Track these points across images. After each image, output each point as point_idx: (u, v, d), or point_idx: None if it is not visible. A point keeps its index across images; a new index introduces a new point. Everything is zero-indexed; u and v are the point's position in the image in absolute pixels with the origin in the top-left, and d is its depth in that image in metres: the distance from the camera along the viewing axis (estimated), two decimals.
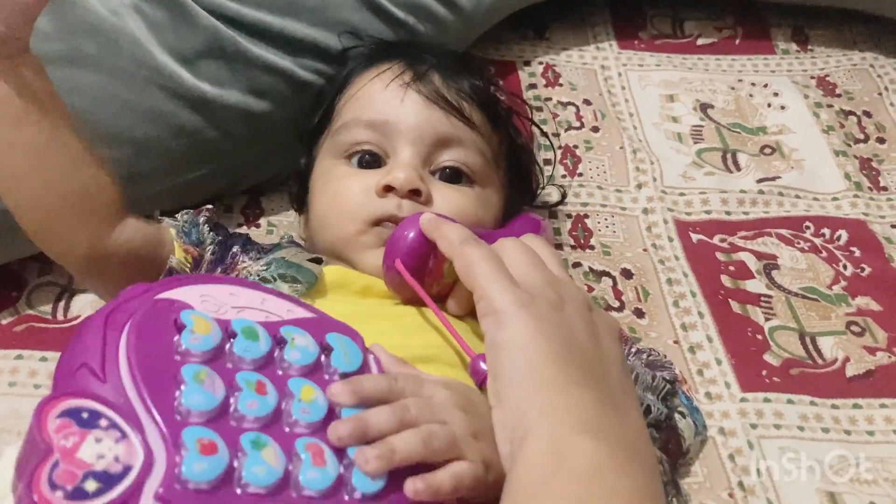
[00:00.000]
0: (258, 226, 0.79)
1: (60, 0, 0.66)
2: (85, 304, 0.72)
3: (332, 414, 0.40)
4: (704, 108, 0.95)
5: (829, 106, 0.96)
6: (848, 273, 0.79)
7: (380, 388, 0.41)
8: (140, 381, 0.37)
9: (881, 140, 0.93)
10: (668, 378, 0.62)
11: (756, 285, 0.77)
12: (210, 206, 0.64)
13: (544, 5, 0.98)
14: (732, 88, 0.98)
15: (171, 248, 0.59)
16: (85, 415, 0.35)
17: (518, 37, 1.01)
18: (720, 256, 0.79)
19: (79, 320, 0.71)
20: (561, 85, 0.96)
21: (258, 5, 0.72)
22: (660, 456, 0.54)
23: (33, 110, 0.51)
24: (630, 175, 0.86)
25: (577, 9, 1.04)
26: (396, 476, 0.38)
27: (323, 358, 0.42)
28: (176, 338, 0.39)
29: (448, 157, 0.62)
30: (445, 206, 0.60)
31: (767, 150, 0.90)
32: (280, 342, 0.41)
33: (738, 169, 0.88)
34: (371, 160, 0.62)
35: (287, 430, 0.39)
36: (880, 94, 0.98)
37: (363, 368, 0.43)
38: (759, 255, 0.80)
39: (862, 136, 0.93)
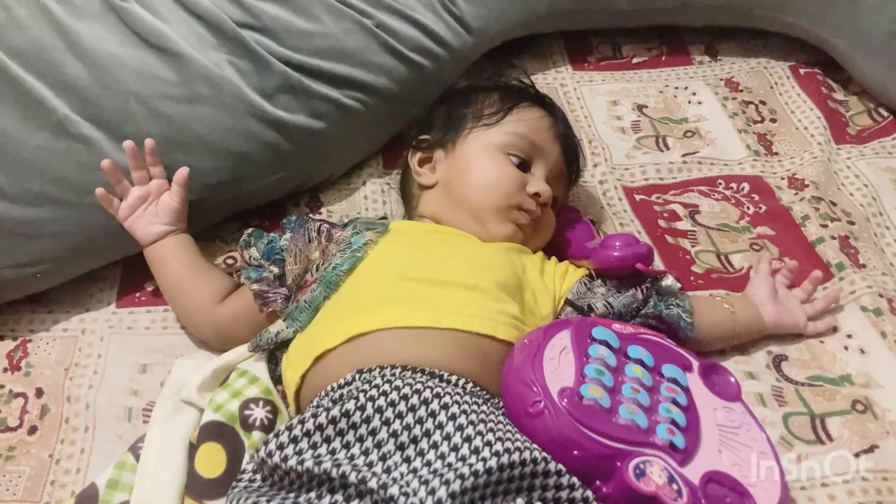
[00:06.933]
0: (320, 213, 1.08)
1: (181, 59, 0.95)
2: None
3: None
4: (640, 108, 1.26)
5: (734, 98, 1.27)
6: (750, 211, 1.09)
7: None
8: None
9: (773, 120, 1.24)
10: None
11: (684, 225, 1.07)
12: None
13: (512, 42, 1.29)
14: (661, 92, 1.29)
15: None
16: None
17: (494, 64, 1.31)
18: (657, 208, 1.09)
19: None
20: None
21: (314, 54, 1.02)
22: None
23: (177, 255, 0.90)
24: (588, 159, 1.16)
25: (537, 41, 1.35)
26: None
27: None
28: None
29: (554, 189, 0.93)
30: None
31: (689, 134, 1.21)
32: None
33: (668, 148, 1.19)
34: (520, 163, 0.92)
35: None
36: (772, 87, 1.30)
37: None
38: (685, 205, 1.10)
39: (759, 118, 1.24)
